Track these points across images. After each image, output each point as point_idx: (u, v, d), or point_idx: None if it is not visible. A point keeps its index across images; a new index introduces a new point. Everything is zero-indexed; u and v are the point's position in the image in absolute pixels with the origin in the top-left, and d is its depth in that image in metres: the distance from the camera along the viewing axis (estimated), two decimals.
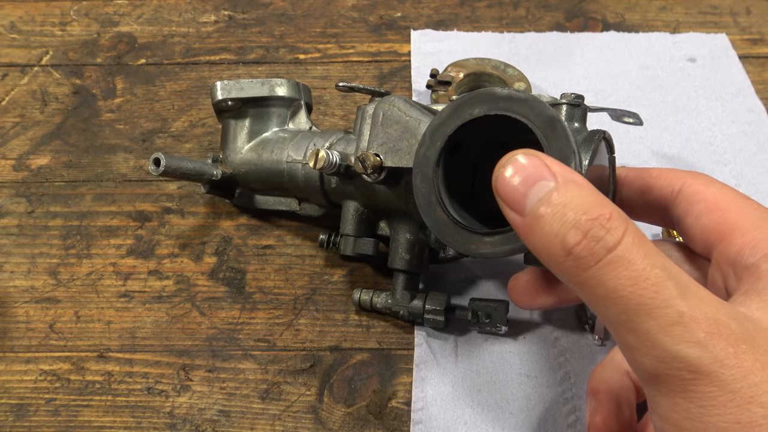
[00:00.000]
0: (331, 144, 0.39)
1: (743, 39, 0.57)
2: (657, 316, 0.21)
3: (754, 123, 0.51)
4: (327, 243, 0.42)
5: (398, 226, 0.38)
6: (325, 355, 0.40)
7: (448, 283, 0.42)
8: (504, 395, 0.37)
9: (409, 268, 0.38)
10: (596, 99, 0.52)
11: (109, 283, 0.43)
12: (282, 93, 0.43)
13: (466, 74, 0.51)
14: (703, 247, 0.29)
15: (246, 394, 0.38)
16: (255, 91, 0.43)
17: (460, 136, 0.30)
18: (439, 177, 0.30)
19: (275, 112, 0.44)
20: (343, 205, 0.39)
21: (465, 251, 0.29)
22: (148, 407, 0.38)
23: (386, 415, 0.37)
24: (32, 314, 0.42)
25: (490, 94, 0.28)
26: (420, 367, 0.39)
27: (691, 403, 0.20)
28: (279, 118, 0.44)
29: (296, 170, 0.40)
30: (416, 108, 0.34)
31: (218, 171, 0.43)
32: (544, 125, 0.27)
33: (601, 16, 0.60)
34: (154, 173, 0.40)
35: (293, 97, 0.44)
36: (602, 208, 0.22)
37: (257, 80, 0.43)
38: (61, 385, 0.39)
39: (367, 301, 0.40)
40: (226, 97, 0.42)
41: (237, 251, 0.45)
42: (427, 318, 0.38)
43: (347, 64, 0.56)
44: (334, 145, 0.39)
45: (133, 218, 0.46)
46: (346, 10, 0.61)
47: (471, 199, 0.34)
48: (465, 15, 0.60)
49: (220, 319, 0.41)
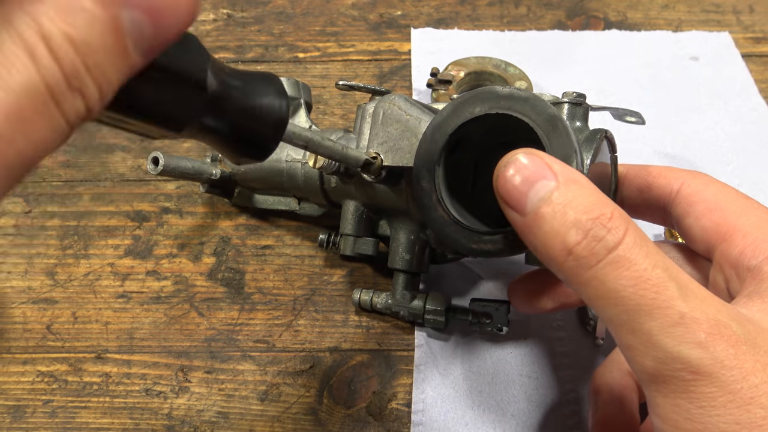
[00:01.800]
0: None
1: (746, 37, 0.57)
2: (658, 317, 0.21)
3: (757, 122, 0.51)
4: (327, 243, 0.42)
5: (398, 226, 0.38)
6: (325, 356, 0.39)
7: (448, 284, 0.42)
8: (505, 396, 0.37)
9: (410, 268, 0.38)
10: (598, 98, 0.52)
11: (106, 284, 0.43)
12: None
13: (466, 73, 0.51)
14: (703, 247, 0.29)
15: (245, 395, 0.38)
16: None
17: (460, 135, 0.30)
18: (440, 176, 0.30)
19: None
20: (343, 204, 0.39)
21: (465, 251, 0.29)
22: (146, 409, 0.38)
23: (386, 416, 0.37)
24: (29, 315, 0.42)
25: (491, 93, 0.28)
26: (420, 368, 0.38)
27: (692, 403, 0.20)
28: None
29: (296, 169, 0.40)
30: (417, 107, 0.34)
31: (217, 170, 0.43)
32: (545, 124, 0.27)
33: (603, 14, 0.59)
34: (153, 172, 0.40)
35: (293, 95, 0.44)
36: (603, 207, 0.22)
37: None
38: (59, 387, 0.39)
39: (367, 301, 0.40)
40: None
41: (236, 251, 0.44)
42: (427, 318, 0.38)
43: (347, 62, 0.56)
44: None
45: (131, 218, 0.46)
46: (346, 8, 0.60)
47: (472, 198, 0.34)
48: (466, 13, 0.59)
49: (219, 320, 0.41)
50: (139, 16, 0.14)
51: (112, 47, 0.14)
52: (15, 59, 0.13)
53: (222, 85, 0.19)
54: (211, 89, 0.19)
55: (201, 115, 0.19)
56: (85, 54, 0.13)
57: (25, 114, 0.13)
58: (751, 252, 0.26)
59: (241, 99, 0.20)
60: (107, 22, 0.14)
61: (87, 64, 0.14)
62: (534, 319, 0.40)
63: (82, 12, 0.13)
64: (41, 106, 0.13)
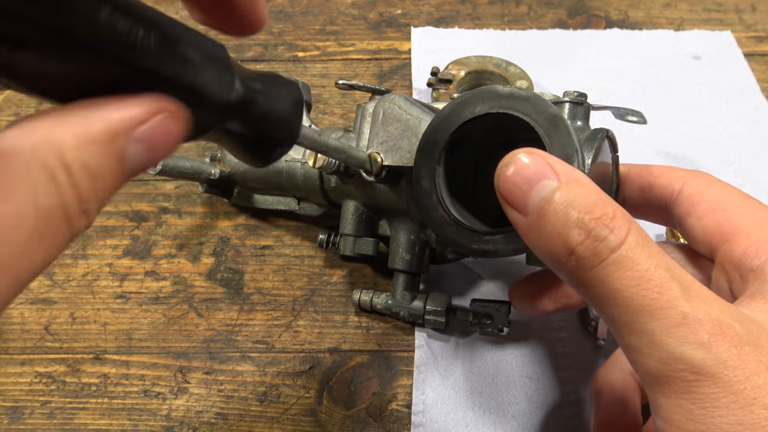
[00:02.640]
0: None
1: (748, 36, 0.56)
2: (660, 317, 0.20)
3: (759, 121, 0.50)
4: (326, 243, 0.41)
5: (399, 226, 0.38)
6: (325, 357, 0.39)
7: (449, 284, 0.42)
8: (506, 397, 0.37)
9: (410, 269, 0.37)
10: (599, 97, 0.52)
11: (105, 284, 0.43)
12: None
13: (467, 72, 0.51)
14: (706, 248, 0.28)
15: (244, 396, 0.38)
16: None
17: (461, 135, 0.29)
18: (440, 176, 0.29)
19: None
20: (342, 204, 0.39)
21: (466, 251, 0.29)
22: (145, 410, 0.37)
23: (386, 417, 0.37)
24: (27, 316, 0.41)
25: (492, 92, 0.28)
26: (420, 369, 0.38)
27: (694, 404, 0.20)
28: None
29: (295, 169, 0.40)
30: (417, 106, 0.34)
31: (216, 170, 0.43)
32: (546, 123, 0.26)
33: (604, 13, 0.59)
34: (152, 172, 0.40)
35: None
36: (605, 207, 0.22)
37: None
38: (57, 388, 0.38)
39: (367, 301, 0.40)
40: None
41: (235, 252, 0.44)
42: (427, 319, 0.38)
43: (347, 61, 0.56)
44: None
45: (129, 218, 0.46)
46: (346, 7, 0.60)
47: (472, 198, 0.34)
48: (466, 12, 0.59)
49: (218, 321, 0.41)
50: (139, 148, 0.16)
51: (116, 174, 0.16)
52: (39, 184, 0.14)
53: (247, 90, 0.19)
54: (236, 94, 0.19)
55: (225, 121, 0.19)
56: (95, 180, 0.16)
57: (42, 231, 0.15)
58: (754, 252, 0.25)
59: (265, 104, 0.20)
60: (116, 154, 0.16)
61: (95, 190, 0.16)
62: (535, 319, 0.40)
63: (97, 145, 0.15)
64: (56, 226, 0.15)
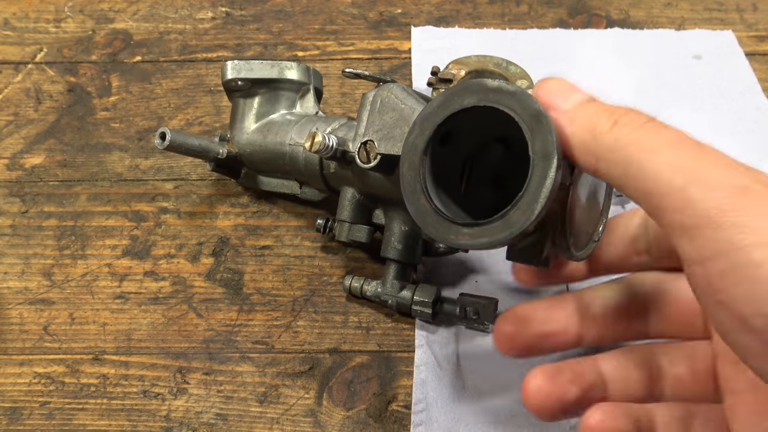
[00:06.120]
0: (333, 129, 0.39)
1: (750, 36, 0.56)
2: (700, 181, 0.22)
3: (760, 121, 0.50)
4: (324, 227, 0.42)
5: (393, 216, 0.38)
6: (324, 357, 0.39)
7: (445, 278, 0.42)
8: (506, 397, 0.37)
9: (401, 258, 0.38)
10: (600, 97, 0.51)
11: (104, 285, 0.43)
12: (291, 76, 0.43)
13: (467, 72, 0.51)
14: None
15: (243, 397, 0.38)
16: (264, 73, 0.43)
17: (450, 127, 0.29)
18: (426, 166, 0.29)
19: (284, 95, 0.44)
20: (341, 190, 0.40)
21: (443, 241, 0.29)
22: (144, 410, 0.37)
23: (386, 418, 0.37)
24: (26, 316, 0.41)
25: (481, 86, 0.28)
26: (421, 369, 0.38)
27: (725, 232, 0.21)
28: (287, 101, 0.44)
29: (297, 153, 0.40)
30: (413, 96, 0.34)
31: (224, 150, 0.43)
32: (530, 119, 0.26)
33: (605, 12, 0.59)
34: (160, 147, 0.40)
35: (302, 81, 0.44)
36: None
37: (268, 62, 0.43)
38: (56, 388, 0.38)
39: (358, 288, 0.40)
40: (236, 76, 0.42)
41: (234, 252, 0.44)
42: (414, 309, 0.38)
43: (346, 61, 0.55)
44: (336, 130, 0.39)
45: (128, 218, 0.46)
46: (346, 6, 0.60)
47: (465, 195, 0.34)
48: (466, 11, 0.59)
49: (218, 321, 0.41)
50: None
51: None
52: None
53: None
54: None
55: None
56: None
57: None
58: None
59: None
60: None
61: None
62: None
63: None
64: None
